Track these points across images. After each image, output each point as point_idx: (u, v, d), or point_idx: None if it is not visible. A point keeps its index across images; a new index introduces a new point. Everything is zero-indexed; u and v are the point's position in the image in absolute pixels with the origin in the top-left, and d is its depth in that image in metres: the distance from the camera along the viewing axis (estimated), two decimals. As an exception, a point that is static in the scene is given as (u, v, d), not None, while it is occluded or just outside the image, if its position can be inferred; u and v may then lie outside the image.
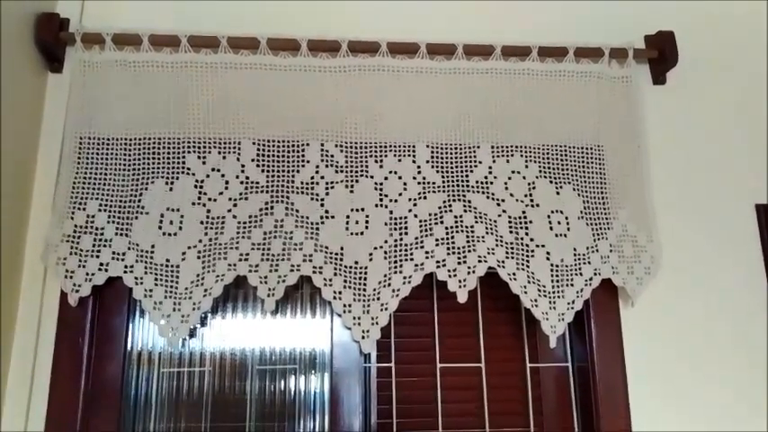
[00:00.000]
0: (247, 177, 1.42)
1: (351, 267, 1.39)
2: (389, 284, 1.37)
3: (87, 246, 1.36)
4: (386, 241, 1.40)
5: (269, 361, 1.50)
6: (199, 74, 1.47)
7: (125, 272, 1.35)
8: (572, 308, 1.40)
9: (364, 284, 1.38)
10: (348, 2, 1.63)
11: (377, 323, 1.36)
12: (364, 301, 1.37)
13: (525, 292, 1.39)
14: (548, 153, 1.50)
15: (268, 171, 1.43)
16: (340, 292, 1.37)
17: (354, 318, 1.36)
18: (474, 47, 1.53)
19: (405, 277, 1.38)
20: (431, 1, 1.66)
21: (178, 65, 1.47)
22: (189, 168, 1.42)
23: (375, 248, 1.40)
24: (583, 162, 1.51)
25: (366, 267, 1.39)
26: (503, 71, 1.54)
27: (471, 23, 1.63)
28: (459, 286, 1.37)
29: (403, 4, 1.65)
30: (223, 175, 1.42)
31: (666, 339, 1.50)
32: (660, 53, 1.61)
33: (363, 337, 1.35)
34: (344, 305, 1.36)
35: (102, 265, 1.35)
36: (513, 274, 1.39)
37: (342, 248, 1.39)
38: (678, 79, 1.65)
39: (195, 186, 1.41)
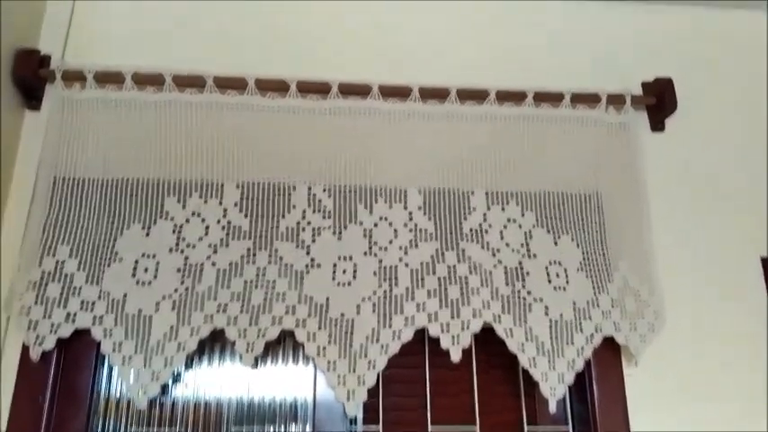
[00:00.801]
0: (229, 222, 1.35)
1: (336, 320, 1.30)
2: (378, 340, 1.28)
3: (54, 294, 1.27)
4: (374, 292, 1.32)
5: (246, 419, 1.39)
6: (183, 113, 1.41)
7: (93, 323, 1.26)
8: (572, 368, 1.31)
9: (351, 339, 1.29)
10: (339, 43, 1.59)
11: (363, 383, 1.26)
12: (350, 357, 1.27)
13: (523, 351, 1.30)
14: (545, 200, 1.44)
15: (252, 216, 1.36)
16: (324, 348, 1.28)
17: (339, 377, 1.26)
18: (468, 91, 1.49)
19: (394, 332, 1.29)
20: (424, 44, 1.62)
21: (161, 104, 1.41)
22: (167, 212, 1.34)
23: (363, 300, 1.31)
24: (581, 210, 1.45)
25: (353, 320, 1.30)
26: (497, 116, 1.49)
27: (465, 67, 1.59)
28: (453, 343, 1.28)
29: (395, 47, 1.61)
30: (203, 220, 1.34)
31: (672, 399, 1.41)
32: (658, 100, 1.57)
33: (349, 399, 1.25)
34: (329, 362, 1.27)
35: (69, 315, 1.26)
36: (510, 329, 1.31)
37: (327, 300, 1.31)
38: (677, 126, 1.61)
39: (173, 231, 1.33)
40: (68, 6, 1.52)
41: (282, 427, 1.39)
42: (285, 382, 1.42)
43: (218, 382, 1.41)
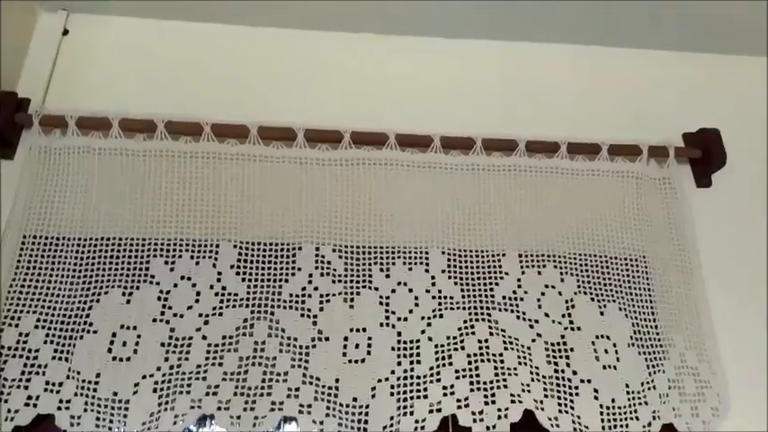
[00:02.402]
0: (224, 288, 1.16)
1: (348, 406, 1.09)
2: (397, 430, 1.08)
3: (15, 373, 1.07)
4: (393, 372, 1.12)
5: None
6: (175, 164, 1.25)
7: (59, 408, 1.05)
8: (630, 463, 1.11)
9: (365, 430, 1.08)
10: (352, 88, 1.45)
11: (381, 484, 1.05)
12: (365, 453, 1.07)
13: (571, 444, 1.09)
14: (586, 264, 1.26)
15: (250, 280, 1.18)
16: (334, 440, 1.07)
17: (352, 477, 1.05)
18: (494, 141, 1.34)
19: (416, 421, 1.08)
20: (445, 90, 1.48)
21: (152, 153, 1.25)
22: (153, 276, 1.16)
23: (379, 381, 1.11)
24: (627, 276, 1.27)
25: (368, 406, 1.09)
26: (528, 168, 1.33)
27: (491, 115, 1.44)
28: (488, 435, 1.07)
29: (414, 93, 1.46)
30: (194, 285, 1.16)
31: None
32: (704, 153, 1.41)
33: (363, 504, 1.03)
34: (339, 458, 1.06)
35: (30, 398, 1.06)
36: (556, 418, 1.10)
37: (337, 381, 1.11)
38: (725, 182, 1.45)
39: (159, 298, 1.14)
40: (53, 48, 1.39)
41: None
42: None
43: None
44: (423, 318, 1.17)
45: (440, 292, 1.20)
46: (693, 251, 1.32)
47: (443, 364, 1.13)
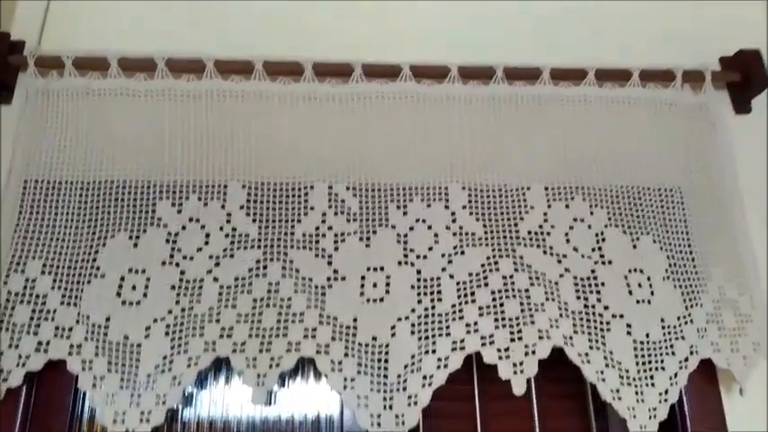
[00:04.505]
0: (234, 229, 1.11)
1: (367, 346, 1.05)
2: (419, 369, 1.03)
3: (23, 319, 1.04)
4: (413, 310, 1.07)
5: None
6: (178, 103, 1.19)
7: (70, 353, 1.03)
8: (665, 400, 1.05)
9: (386, 369, 1.03)
10: (363, 18, 1.36)
11: (403, 423, 1.00)
12: (386, 392, 1.02)
13: (603, 380, 1.04)
14: (617, 196, 1.19)
15: (261, 221, 1.12)
16: (353, 380, 1.02)
17: (372, 416, 1.01)
18: (516, 70, 1.25)
19: (439, 359, 1.03)
20: (463, 17, 1.38)
21: (153, 93, 1.19)
22: (160, 219, 1.11)
23: (399, 320, 1.06)
24: (661, 207, 1.19)
25: (387, 345, 1.05)
26: (553, 98, 1.25)
27: (513, 42, 1.35)
28: (515, 372, 1.02)
29: (428, 20, 1.37)
30: (203, 227, 1.11)
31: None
32: (743, 76, 1.31)
33: (385, 443, 0.99)
34: (359, 397, 1.02)
35: (40, 344, 1.03)
36: (586, 354, 1.05)
37: (355, 320, 1.06)
38: (766, 107, 1.35)
39: (167, 241, 1.10)
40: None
41: None
42: (307, 398, 1.17)
43: (229, 401, 1.17)
44: (443, 255, 1.11)
45: (461, 228, 1.14)
46: (732, 180, 1.24)
47: (466, 302, 1.07)
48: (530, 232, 1.14)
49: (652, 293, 1.10)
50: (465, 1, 1.39)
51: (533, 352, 1.03)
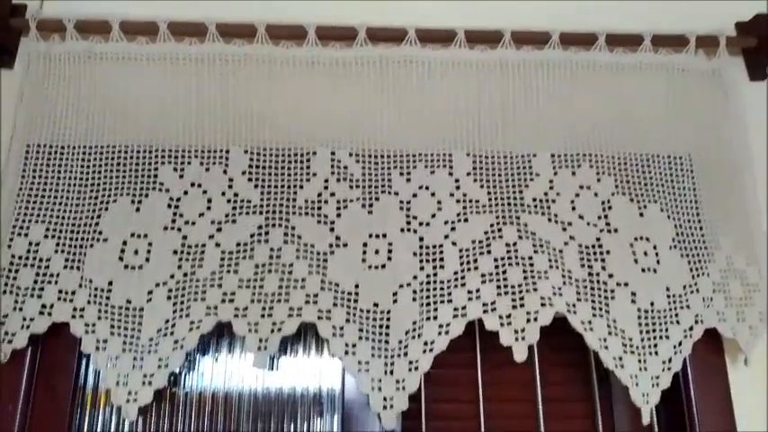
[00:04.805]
0: (236, 194, 1.11)
1: (369, 312, 1.04)
2: (420, 335, 1.03)
3: (27, 282, 1.05)
4: (415, 277, 1.06)
5: (262, 413, 1.15)
6: (180, 68, 1.18)
7: (73, 316, 1.03)
8: (669, 368, 1.04)
9: (387, 335, 1.03)
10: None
11: (403, 388, 1.01)
12: (387, 357, 1.02)
13: (606, 348, 1.03)
14: (625, 163, 1.16)
15: (263, 186, 1.11)
16: (354, 345, 1.03)
17: (373, 380, 1.01)
18: (525, 34, 1.22)
19: (441, 326, 1.03)
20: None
21: (155, 57, 1.18)
22: (162, 183, 1.11)
23: (401, 287, 1.06)
24: (670, 175, 1.17)
25: (389, 312, 1.04)
26: (561, 63, 1.22)
27: (521, 7, 1.31)
28: (516, 339, 1.01)
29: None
30: (205, 192, 1.11)
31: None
32: (760, 41, 1.27)
33: (385, 408, 1.00)
34: (359, 362, 1.02)
35: (44, 307, 1.04)
36: (589, 322, 1.04)
37: (357, 286, 1.06)
38: (782, 73, 1.31)
39: (169, 206, 1.10)
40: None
41: (305, 422, 1.15)
42: (308, 370, 1.18)
43: (231, 370, 1.18)
44: (446, 222, 1.10)
45: (464, 195, 1.12)
46: (744, 149, 1.21)
47: (468, 269, 1.07)
48: (535, 200, 1.12)
49: (658, 262, 1.09)
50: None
51: (535, 319, 1.02)
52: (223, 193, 1.11)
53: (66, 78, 1.17)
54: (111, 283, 1.05)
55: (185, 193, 1.10)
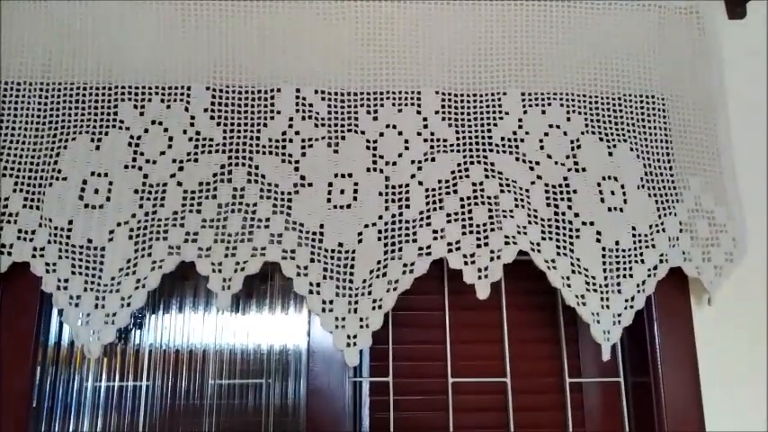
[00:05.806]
0: (198, 132, 1.08)
1: (333, 251, 1.04)
2: (385, 274, 1.02)
3: (-15, 222, 1.03)
4: (380, 217, 1.05)
5: (228, 371, 1.16)
6: (139, 2, 1.13)
7: (33, 256, 1.02)
8: (631, 306, 1.05)
9: (351, 274, 1.03)
10: None
11: (367, 326, 1.01)
12: (351, 296, 1.02)
13: (568, 286, 1.03)
14: (596, 102, 1.14)
15: (225, 124, 1.09)
16: (318, 284, 1.02)
17: (337, 319, 1.01)
18: (497, -32, 1.18)
19: (405, 264, 1.03)
20: None
21: (113, -10, 1.13)
22: (122, 121, 1.08)
23: (366, 226, 1.05)
24: (642, 114, 1.15)
25: (354, 251, 1.04)
26: (534, 0, 1.18)
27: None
28: (479, 277, 1.01)
29: None
30: (166, 130, 1.08)
31: (754, 347, 1.14)
32: (740, -23, 1.24)
33: (349, 345, 1.00)
34: (324, 302, 1.02)
35: (3, 246, 1.03)
36: (552, 260, 1.04)
37: (321, 226, 1.05)
38: (761, 12, 1.28)
39: (129, 144, 1.07)
40: None
41: (272, 381, 1.16)
42: (274, 328, 1.18)
43: (195, 328, 1.18)
44: (413, 161, 1.08)
45: (432, 134, 1.10)
46: (719, 89, 1.19)
47: (434, 209, 1.06)
48: (503, 138, 1.10)
49: (625, 201, 1.08)
50: None
51: (498, 257, 1.02)
52: (185, 132, 1.08)
53: (23, 11, 1.12)
54: (71, 222, 1.03)
55: (146, 131, 1.08)
